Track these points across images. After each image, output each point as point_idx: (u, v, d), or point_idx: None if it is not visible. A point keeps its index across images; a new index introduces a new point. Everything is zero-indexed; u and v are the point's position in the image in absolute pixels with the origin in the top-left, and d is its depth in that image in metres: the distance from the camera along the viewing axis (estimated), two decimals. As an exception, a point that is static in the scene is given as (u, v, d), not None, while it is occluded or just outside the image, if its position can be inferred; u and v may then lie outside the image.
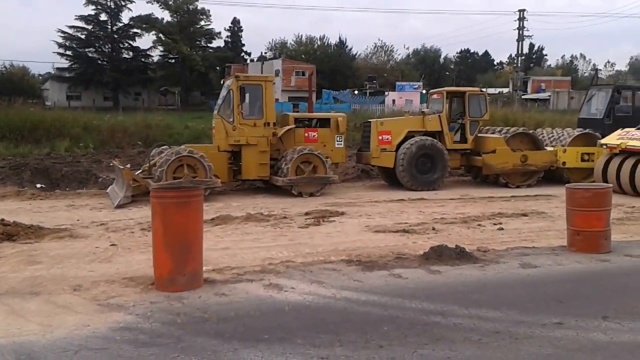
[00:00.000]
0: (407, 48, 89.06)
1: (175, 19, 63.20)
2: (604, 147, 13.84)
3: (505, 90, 60.62)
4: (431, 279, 6.22)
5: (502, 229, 9.08)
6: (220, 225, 9.18)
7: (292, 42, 76.31)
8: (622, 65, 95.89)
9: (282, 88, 55.41)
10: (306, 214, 10.20)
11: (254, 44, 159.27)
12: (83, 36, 60.23)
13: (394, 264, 6.78)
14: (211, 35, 67.18)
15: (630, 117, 15.89)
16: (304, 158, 12.66)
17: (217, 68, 67.55)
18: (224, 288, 5.75)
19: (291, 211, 10.52)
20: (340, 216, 10.10)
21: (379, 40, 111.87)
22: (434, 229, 9.00)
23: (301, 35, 75.77)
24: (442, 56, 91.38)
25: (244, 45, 78.10)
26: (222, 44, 72.59)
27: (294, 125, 13.33)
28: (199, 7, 63.81)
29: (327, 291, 5.69)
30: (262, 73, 51.78)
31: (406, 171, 13.69)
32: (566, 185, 8.04)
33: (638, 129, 13.79)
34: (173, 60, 63.97)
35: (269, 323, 4.84)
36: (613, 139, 13.77)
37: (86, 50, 60.60)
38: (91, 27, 60.36)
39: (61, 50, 59.74)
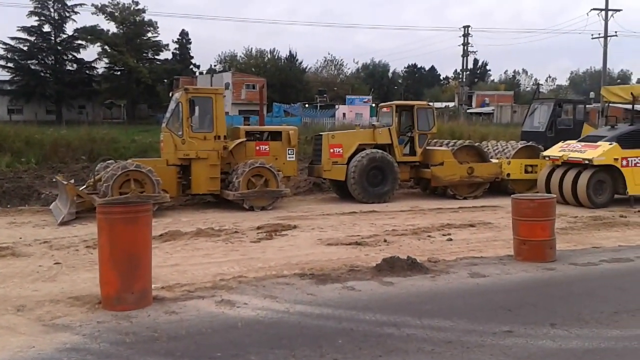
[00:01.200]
0: (357, 62, 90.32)
1: (122, 31, 61.95)
2: (547, 159, 14.34)
3: (451, 104, 62.20)
4: (384, 290, 6.25)
5: (451, 239, 9.24)
6: (170, 241, 8.97)
7: (242, 55, 76.12)
8: (562, 80, 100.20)
9: (232, 101, 55.05)
10: (258, 228, 10.10)
11: (203, 56, 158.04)
12: (25, 48, 58.25)
13: (347, 276, 6.78)
14: (159, 47, 66.14)
15: (571, 130, 16.49)
16: (255, 171, 12.56)
17: (165, 80, 66.47)
18: (174, 306, 5.60)
19: (243, 225, 10.39)
20: (292, 230, 10.05)
21: (329, 54, 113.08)
22: (385, 240, 9.07)
23: (251, 48, 75.65)
24: (391, 71, 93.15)
25: (192, 57, 77.35)
26: (170, 56, 71.72)
27: (245, 139, 13.23)
28: (146, 19, 62.88)
29: (281, 306, 5.63)
30: (211, 86, 51.32)
31: (357, 184, 13.79)
32: (511, 196, 8.28)
33: (579, 141, 14.38)
34: (119, 73, 62.59)
35: (221, 340, 4.74)
36: (555, 151, 14.28)
37: (28, 62, 58.61)
38: (34, 38, 58.49)
39: (2, 62, 57.69)
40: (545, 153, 14.58)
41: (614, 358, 4.43)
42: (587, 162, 13.07)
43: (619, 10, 40.13)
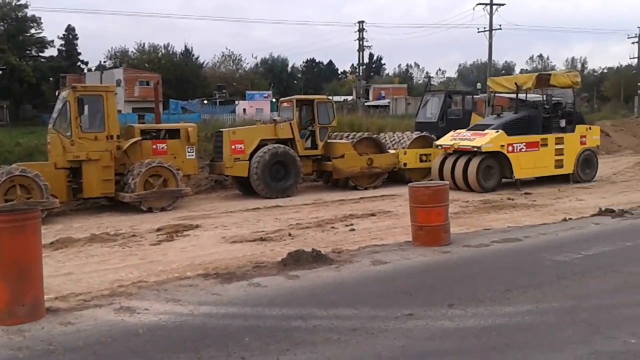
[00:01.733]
0: (255, 57, 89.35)
1: (2, 27, 57.40)
2: (439, 148, 15.05)
3: (349, 98, 63.41)
4: (290, 284, 6.25)
5: (353, 229, 9.44)
6: (61, 249, 8.45)
7: (134, 51, 72.96)
8: (451, 72, 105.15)
9: (124, 99, 52.65)
10: (158, 230, 9.76)
11: (92, 52, 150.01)
12: None
13: (253, 273, 6.72)
14: (43, 44, 61.82)
15: (461, 120, 17.36)
16: (152, 171, 12.12)
17: (51, 79, 62.38)
18: (69, 316, 5.27)
19: (141, 228, 10.00)
20: (194, 229, 9.81)
21: (227, 49, 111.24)
22: (290, 234, 9.09)
23: (143, 43, 72.70)
24: (290, 65, 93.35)
25: (80, 54, 72.87)
26: (55, 53, 67.32)
27: (140, 138, 12.72)
28: (29, 15, 58.67)
29: (184, 308, 5.47)
30: (101, 83, 48.86)
31: (260, 179, 13.71)
32: (408, 184, 8.59)
33: (468, 130, 15.18)
34: (0, 72, 58.03)
35: (121, 348, 4.52)
36: (447, 140, 15.00)
37: None
38: None
39: None
40: (438, 142, 15.28)
41: (508, 333, 4.70)
42: (476, 149, 13.84)
43: (502, 5, 42.62)
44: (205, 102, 55.58)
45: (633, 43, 56.54)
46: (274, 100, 48.20)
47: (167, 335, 4.81)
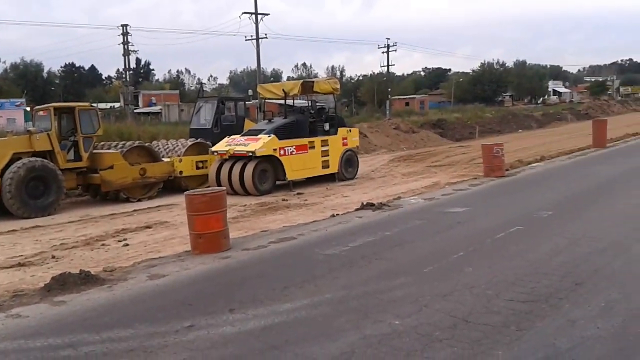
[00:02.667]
0: (4, 62, 79.32)
1: None
2: (215, 154, 15.06)
3: (116, 104, 60.15)
4: (56, 311, 5.64)
5: (127, 244, 8.92)
6: None
7: None
8: (223, 79, 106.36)
9: None
10: None
11: None
12: None
13: (12, 303, 5.93)
14: None
15: (234, 125, 17.59)
16: None
17: None
18: None
19: None
20: None
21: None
22: (54, 257, 8.24)
23: None
24: (46, 70, 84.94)
25: None
26: None
27: None
28: None
29: None
30: None
31: (15, 198, 12.16)
32: (185, 192, 8.40)
33: (242, 135, 15.46)
34: None
35: None
36: (222, 146, 15.08)
37: None
38: None
39: None
40: (214, 148, 15.28)
41: (287, 329, 4.85)
42: (250, 154, 14.16)
43: (267, 14, 44.24)
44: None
45: (383, 52, 63.54)
46: (27, 109, 43.30)
47: None
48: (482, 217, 9.49)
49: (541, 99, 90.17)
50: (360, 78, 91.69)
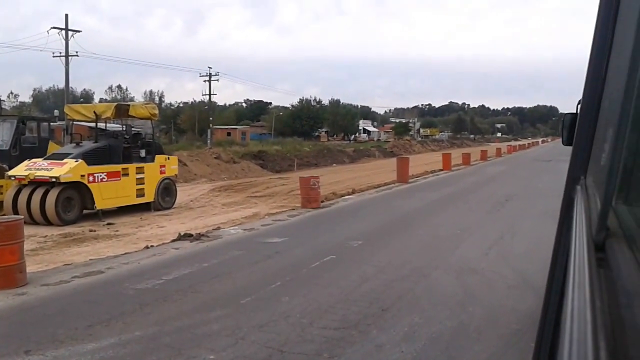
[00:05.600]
0: None
1: None
2: (13, 179, 13.52)
3: None
4: None
5: None
6: None
7: None
8: (25, 97, 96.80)
9: None
10: None
11: None
12: None
13: None
14: None
15: (36, 148, 16.09)
16: None
17: None
18: None
19: None
20: None
21: None
22: None
23: None
24: None
25: None
26: None
27: None
28: None
29: None
30: None
31: None
32: (-29, 221, 7.36)
33: (45, 159, 14.11)
34: None
35: None
36: (21, 170, 13.61)
37: None
38: None
39: None
40: (11, 172, 13.73)
41: (88, 372, 4.44)
42: (54, 179, 12.96)
43: (78, 31, 41.45)
44: None
45: (205, 81, 63.16)
46: None
47: None
48: (299, 247, 9.74)
49: (353, 136, 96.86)
50: (181, 105, 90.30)
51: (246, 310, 6.06)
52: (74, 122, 17.09)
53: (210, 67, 68.27)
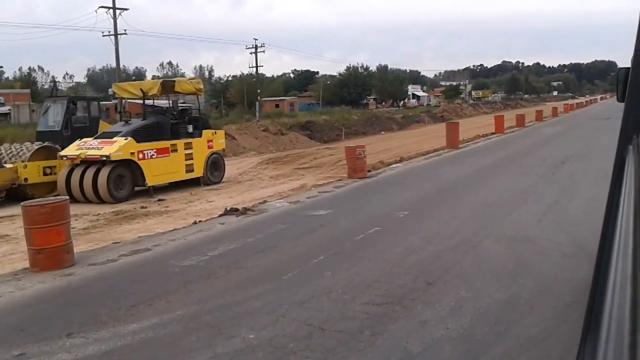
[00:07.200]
0: None
1: None
2: (65, 159, 13.87)
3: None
4: None
5: (-47, 264, 7.84)
6: None
7: None
8: (80, 77, 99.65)
9: None
10: None
11: None
12: None
13: None
14: None
15: (87, 127, 16.38)
16: None
17: None
18: None
19: None
20: None
21: None
22: None
23: None
24: None
25: None
26: None
27: None
28: None
29: None
30: None
31: None
32: (21, 203, 7.55)
33: (95, 138, 14.39)
34: None
35: None
36: (72, 150, 13.93)
37: None
38: None
39: None
40: (63, 153, 14.08)
41: (130, 353, 4.44)
42: (105, 158, 13.21)
43: (126, 9, 41.95)
44: None
45: (251, 53, 63.16)
46: None
47: None
48: (343, 219, 9.58)
49: (402, 102, 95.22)
50: (230, 79, 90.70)
51: (288, 286, 5.96)
52: (127, 101, 17.29)
53: (256, 39, 67.70)
